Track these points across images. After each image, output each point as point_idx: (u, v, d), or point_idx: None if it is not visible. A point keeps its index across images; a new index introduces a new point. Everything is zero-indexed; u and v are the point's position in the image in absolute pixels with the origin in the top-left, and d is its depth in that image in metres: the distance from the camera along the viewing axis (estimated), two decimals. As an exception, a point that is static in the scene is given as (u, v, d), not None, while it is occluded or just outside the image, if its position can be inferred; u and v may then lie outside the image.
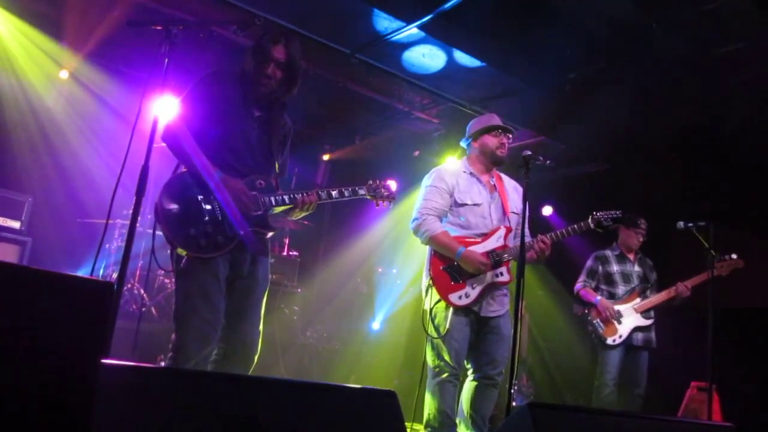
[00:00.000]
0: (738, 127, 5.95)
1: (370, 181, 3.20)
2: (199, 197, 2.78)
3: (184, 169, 2.86)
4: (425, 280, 3.72)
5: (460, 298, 3.56)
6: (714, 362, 4.19)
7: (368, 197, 3.17)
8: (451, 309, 3.56)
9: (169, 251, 2.86)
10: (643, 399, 5.12)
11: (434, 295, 3.63)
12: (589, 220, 3.68)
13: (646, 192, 6.84)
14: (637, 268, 5.32)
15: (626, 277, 5.27)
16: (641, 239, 5.32)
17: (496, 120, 3.88)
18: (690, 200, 6.59)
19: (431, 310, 3.64)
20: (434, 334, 3.59)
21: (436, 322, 3.61)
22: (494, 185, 3.84)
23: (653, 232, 5.40)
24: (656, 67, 5.48)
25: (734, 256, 4.85)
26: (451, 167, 3.93)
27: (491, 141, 3.80)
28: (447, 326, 3.53)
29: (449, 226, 3.71)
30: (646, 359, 5.14)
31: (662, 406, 5.80)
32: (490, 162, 3.84)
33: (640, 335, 5.10)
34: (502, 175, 3.96)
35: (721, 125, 6.04)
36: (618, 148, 6.87)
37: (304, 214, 3.07)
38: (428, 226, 3.65)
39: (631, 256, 5.35)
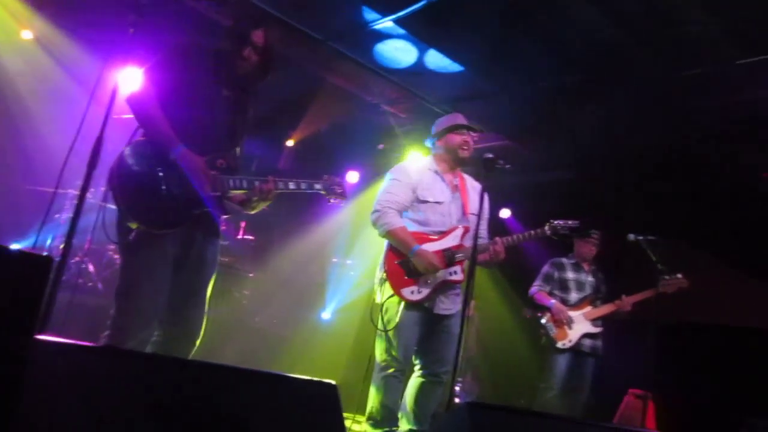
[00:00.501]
0: (698, 150, 6.12)
1: (326, 176, 3.14)
2: (158, 169, 2.68)
3: (142, 138, 2.77)
4: (379, 274, 3.72)
5: (412, 293, 3.58)
6: (652, 372, 4.32)
7: (322, 192, 3.14)
8: (402, 304, 3.58)
9: (116, 222, 2.75)
10: (585, 404, 5.25)
11: (387, 289, 3.64)
12: (546, 227, 3.74)
13: (603, 204, 6.98)
14: (590, 278, 5.47)
15: (580, 286, 5.41)
16: (594, 249, 5.46)
17: (461, 119, 3.91)
18: (644, 215, 6.75)
19: (383, 303, 3.65)
20: (382, 325, 3.60)
21: (387, 316, 3.62)
22: (457, 185, 3.88)
23: (607, 243, 5.53)
24: (627, 84, 5.59)
25: (680, 275, 5.01)
26: (417, 163, 3.95)
27: (455, 139, 3.83)
28: (398, 321, 3.55)
29: (409, 222, 3.72)
30: (592, 366, 5.28)
31: (601, 411, 5.95)
32: (454, 161, 3.87)
33: (588, 342, 5.24)
34: (466, 176, 3.99)
35: (683, 145, 6.21)
36: (580, 160, 7.00)
37: (262, 206, 2.99)
38: (387, 219, 3.66)
39: (585, 266, 5.50)
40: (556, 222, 3.74)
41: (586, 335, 5.23)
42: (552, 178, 7.66)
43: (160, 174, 2.68)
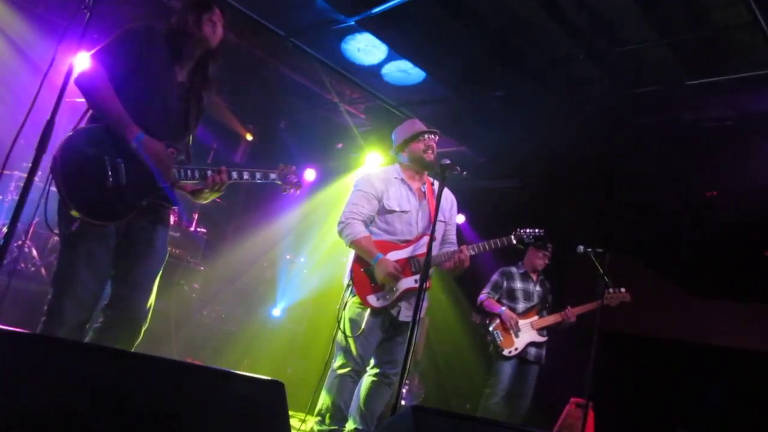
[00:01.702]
0: (645, 166, 6.31)
1: (281, 165, 3.09)
2: (105, 157, 2.58)
3: (91, 124, 2.67)
4: (346, 280, 3.77)
5: (377, 299, 3.63)
6: (593, 381, 4.42)
7: (278, 182, 3.10)
8: (368, 309, 3.62)
9: (57, 209, 2.65)
10: (528, 411, 5.34)
11: (352, 295, 3.69)
12: (512, 236, 3.78)
13: (552, 214, 7.13)
14: (538, 288, 5.57)
15: (527, 295, 5.50)
16: (546, 262, 5.58)
17: (419, 125, 3.93)
18: (590, 227, 6.93)
19: (347, 307, 3.69)
20: (348, 333, 3.63)
21: (349, 318, 3.65)
22: (424, 192, 3.90)
23: (556, 253, 5.64)
24: (578, 96, 5.72)
25: (623, 290, 5.16)
26: (382, 173, 3.96)
27: (418, 147, 3.85)
28: (362, 326, 3.59)
29: (376, 230, 3.77)
30: (536, 374, 5.38)
31: (544, 418, 6.07)
32: (421, 167, 3.89)
33: (533, 350, 5.33)
34: (435, 182, 4.01)
35: (629, 160, 6.39)
36: (532, 169, 7.13)
37: (213, 196, 2.95)
38: (351, 230, 3.70)
39: (534, 276, 5.59)
40: (522, 231, 3.79)
41: (532, 344, 5.33)
42: (504, 185, 7.78)
43: (107, 162, 2.59)
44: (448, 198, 4.00)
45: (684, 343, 6.82)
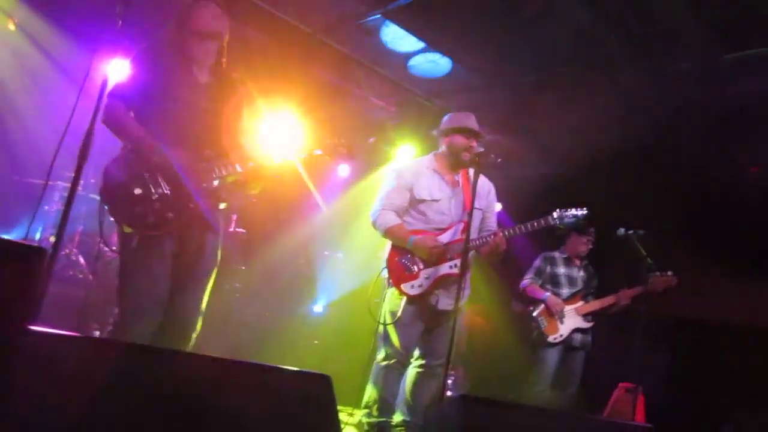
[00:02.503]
0: (686, 145, 6.16)
1: (328, 140, 3.14)
2: (144, 173, 2.70)
3: (123, 150, 2.79)
4: (384, 273, 3.80)
5: (412, 287, 3.64)
6: (642, 366, 4.35)
7: (326, 156, 3.11)
8: (404, 299, 3.64)
9: (112, 225, 2.77)
10: (575, 398, 5.27)
11: (390, 285, 3.73)
12: (554, 215, 3.69)
13: (591, 198, 6.99)
14: (582, 273, 5.46)
15: (571, 281, 5.40)
16: (589, 246, 5.45)
17: (472, 121, 3.88)
18: (631, 210, 6.78)
19: (387, 299, 3.74)
20: (386, 320, 3.66)
21: (388, 309, 3.67)
22: (458, 180, 3.88)
23: (598, 238, 5.53)
24: (613, 77, 5.61)
25: (669, 273, 5.02)
26: (413, 164, 3.98)
27: (460, 141, 3.82)
28: (399, 314, 3.59)
29: (410, 220, 3.79)
30: (582, 360, 5.29)
31: (591, 405, 5.99)
32: (453, 161, 3.87)
33: (578, 336, 5.24)
34: (470, 172, 3.97)
35: (668, 140, 6.24)
36: (569, 153, 7.02)
37: (258, 185, 3.00)
38: (383, 219, 3.75)
39: (577, 261, 5.48)
40: (562, 211, 3.71)
41: (577, 330, 5.24)
42: (540, 171, 7.68)
43: (147, 177, 2.70)
44: (485, 185, 3.96)
45: (733, 326, 6.65)
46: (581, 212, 3.70)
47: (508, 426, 2.04)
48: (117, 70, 2.95)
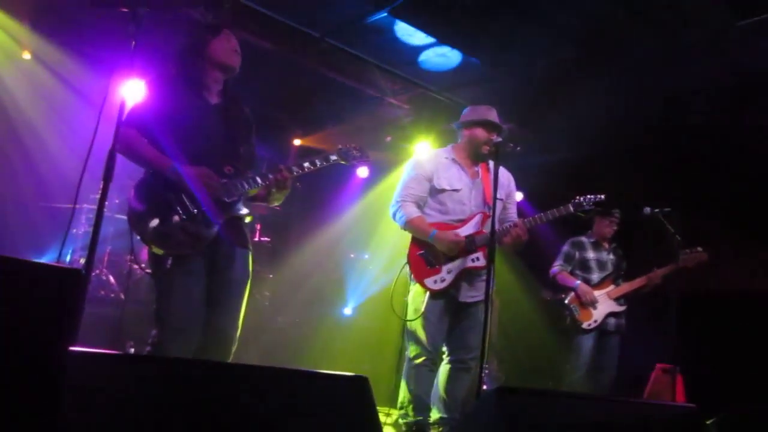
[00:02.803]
0: (703, 119, 6.07)
1: (340, 146, 3.15)
2: (169, 194, 2.73)
3: (145, 175, 2.83)
4: (406, 268, 3.78)
5: (435, 282, 3.61)
6: (678, 345, 4.30)
7: (342, 162, 3.13)
8: (427, 294, 3.60)
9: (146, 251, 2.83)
10: (613, 383, 5.22)
11: (411, 281, 3.71)
12: (570, 205, 3.68)
13: (613, 179, 6.92)
14: (611, 256, 5.40)
15: (601, 265, 5.34)
16: (615, 228, 5.39)
17: (494, 115, 3.87)
18: (656, 189, 6.70)
19: (409, 296, 3.71)
20: (410, 317, 3.62)
21: (413, 306, 3.65)
22: (477, 171, 3.86)
23: (623, 219, 5.47)
24: (626, 57, 5.54)
25: (699, 249, 4.96)
26: (433, 155, 3.96)
27: (481, 135, 3.81)
28: (424, 311, 3.57)
29: (429, 211, 3.76)
30: (617, 344, 5.24)
31: (628, 388, 5.93)
32: (473, 154, 3.86)
33: (612, 321, 5.19)
34: (489, 164, 3.96)
35: (687, 114, 6.15)
36: (587, 137, 6.95)
37: (282, 195, 3.01)
38: (404, 211, 3.71)
39: (605, 245, 5.43)
40: (581, 198, 3.69)
41: (611, 314, 5.19)
42: (558, 157, 7.62)
43: (172, 200, 2.73)
44: (505, 175, 3.94)
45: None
46: (598, 197, 3.68)
47: (548, 414, 2.03)
48: (133, 90, 2.99)
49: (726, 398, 5.69)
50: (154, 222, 2.69)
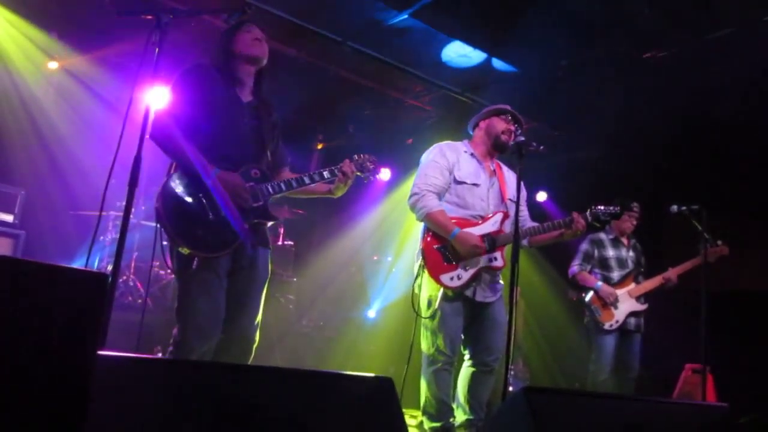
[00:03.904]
0: (729, 114, 5.97)
1: (355, 156, 3.19)
2: (200, 195, 2.74)
3: (176, 171, 2.81)
4: (417, 261, 3.65)
5: (452, 279, 3.49)
6: (707, 345, 4.22)
7: (358, 174, 3.18)
8: (442, 293, 3.51)
9: (166, 247, 2.81)
10: (636, 382, 5.16)
11: (426, 276, 3.57)
12: (588, 213, 3.63)
13: (639, 177, 6.86)
14: (631, 253, 5.32)
15: (621, 263, 5.26)
16: (635, 223, 5.31)
17: (509, 108, 3.85)
18: (683, 185, 6.61)
19: (424, 294, 3.60)
20: (425, 315, 3.56)
21: (429, 307, 3.57)
22: (494, 170, 3.81)
23: (646, 217, 5.41)
24: (649, 53, 5.49)
25: (719, 242, 4.88)
26: (453, 145, 3.82)
27: (499, 124, 3.74)
28: (439, 312, 3.49)
29: (446, 205, 3.63)
30: (639, 343, 5.17)
31: (657, 389, 5.85)
32: (493, 146, 3.76)
33: (633, 320, 5.12)
34: (502, 164, 3.92)
35: (712, 111, 6.06)
36: (611, 134, 6.89)
37: (343, 189, 3.15)
38: (426, 203, 3.56)
39: (624, 241, 5.34)
40: (596, 208, 3.64)
41: (632, 313, 5.11)
42: (582, 156, 7.55)
43: (204, 200, 2.74)
44: (514, 176, 3.87)
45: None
46: (614, 209, 3.65)
47: (577, 415, 2.00)
48: (158, 97, 3.02)
49: (758, 398, 5.60)
50: (187, 221, 2.71)
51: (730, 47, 5.20)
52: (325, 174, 3.06)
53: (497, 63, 6.02)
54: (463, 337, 3.64)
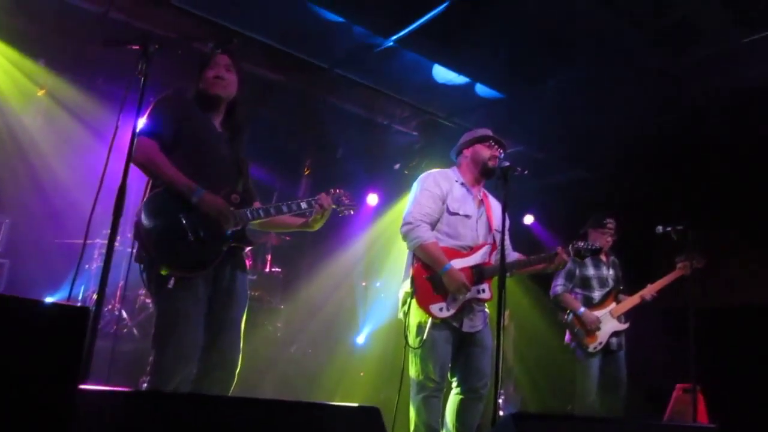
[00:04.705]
0: (711, 133, 6.06)
1: (332, 190, 3.21)
2: (180, 216, 2.73)
3: (159, 189, 2.80)
4: (404, 290, 3.64)
5: (440, 309, 3.50)
6: (696, 363, 4.23)
7: (333, 206, 3.19)
8: (430, 322, 3.50)
9: (143, 269, 2.78)
10: (626, 401, 5.13)
11: (414, 305, 3.56)
12: (570, 248, 3.67)
13: (625, 197, 6.91)
14: (611, 271, 5.32)
15: (602, 282, 5.26)
16: (612, 239, 5.31)
17: (490, 132, 3.88)
18: (669, 203, 6.67)
19: (412, 322, 3.58)
20: (414, 344, 3.54)
21: (415, 333, 3.55)
22: (482, 200, 3.83)
23: (634, 236, 5.42)
24: (632, 74, 5.57)
25: (696, 255, 4.89)
26: (445, 173, 3.84)
27: (484, 151, 3.77)
28: (425, 338, 3.48)
29: (438, 234, 3.64)
30: (623, 361, 5.15)
31: (647, 408, 5.83)
32: (480, 172, 3.79)
33: (614, 340, 5.10)
34: (488, 193, 3.95)
35: (695, 130, 6.15)
36: (596, 156, 6.96)
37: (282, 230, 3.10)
38: (419, 233, 3.56)
39: (604, 258, 5.34)
40: (577, 244, 3.70)
41: (614, 333, 5.10)
42: (567, 178, 7.62)
43: (183, 220, 2.74)
44: (499, 208, 3.89)
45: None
46: (594, 246, 3.73)
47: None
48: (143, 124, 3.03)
49: (749, 416, 5.60)
50: (166, 240, 2.69)
51: (711, 68, 5.30)
52: (303, 205, 3.08)
53: (481, 89, 6.09)
54: (450, 364, 3.63)
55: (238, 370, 2.86)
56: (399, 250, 3.91)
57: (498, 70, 5.76)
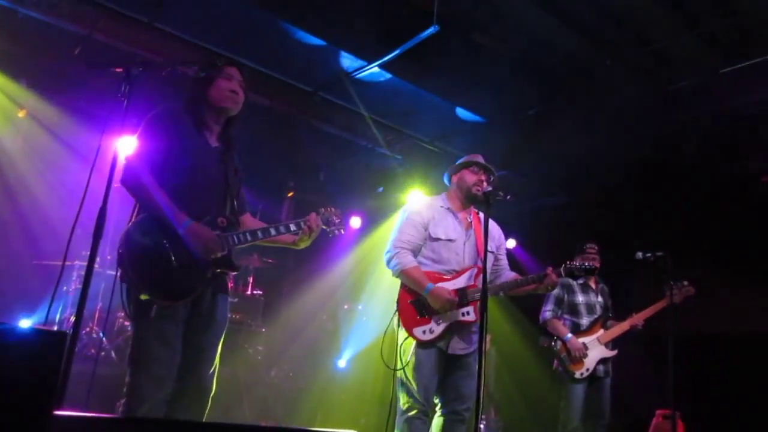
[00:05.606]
0: (691, 161, 6.17)
1: (322, 209, 3.19)
2: (164, 243, 2.68)
3: (144, 215, 2.74)
4: (395, 315, 3.70)
5: (424, 332, 3.54)
6: (676, 390, 4.25)
7: (323, 227, 3.16)
8: (415, 344, 3.54)
9: (124, 293, 2.72)
10: (607, 429, 5.12)
11: (400, 329, 3.62)
12: (562, 269, 3.70)
13: (606, 222, 6.99)
14: (599, 298, 5.34)
15: (590, 308, 5.27)
16: (596, 264, 5.32)
17: (479, 159, 3.92)
18: (648, 230, 6.75)
19: (400, 345, 3.61)
20: (399, 364, 3.57)
21: (404, 357, 3.58)
22: (470, 222, 3.86)
23: (615, 262, 5.46)
24: (611, 103, 5.67)
25: (686, 283, 4.98)
26: (429, 201, 3.94)
27: (469, 177, 3.81)
28: (414, 362, 3.51)
29: (422, 260, 3.70)
30: (609, 388, 5.15)
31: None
32: (466, 198, 3.83)
33: (601, 367, 5.10)
34: (480, 214, 3.96)
35: (676, 158, 6.25)
36: (577, 181, 7.04)
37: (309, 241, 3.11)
38: (400, 259, 3.64)
39: (592, 284, 5.36)
40: (570, 264, 3.73)
41: (601, 360, 5.10)
42: (549, 203, 7.69)
43: (168, 248, 2.69)
44: (495, 227, 3.94)
45: (764, 337, 6.50)
46: (588, 265, 3.78)
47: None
48: (126, 146, 3.00)
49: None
50: (150, 268, 2.64)
51: (689, 97, 5.41)
52: (291, 227, 3.05)
53: (463, 113, 6.16)
54: (436, 387, 3.64)
55: (211, 395, 2.82)
56: (381, 273, 3.93)
57: (482, 96, 5.84)
